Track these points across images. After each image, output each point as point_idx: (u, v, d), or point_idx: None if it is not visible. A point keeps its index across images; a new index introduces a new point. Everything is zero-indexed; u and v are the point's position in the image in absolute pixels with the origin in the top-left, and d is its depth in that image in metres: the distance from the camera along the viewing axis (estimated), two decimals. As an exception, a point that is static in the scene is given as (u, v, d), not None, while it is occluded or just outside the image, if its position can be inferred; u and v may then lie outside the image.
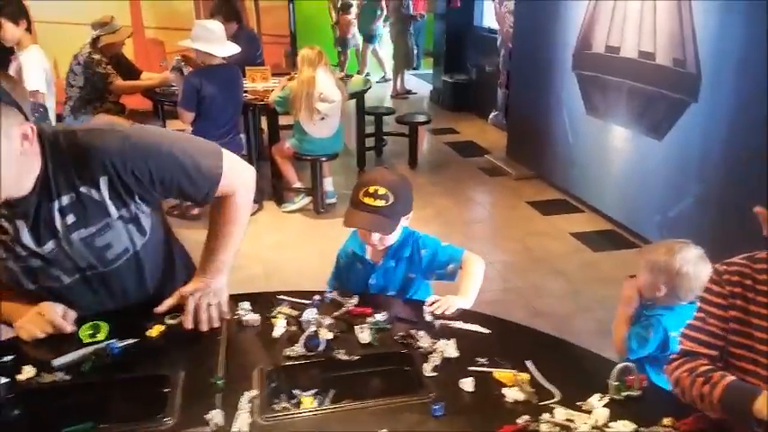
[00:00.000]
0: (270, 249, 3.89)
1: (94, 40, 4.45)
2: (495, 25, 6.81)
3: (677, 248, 1.80)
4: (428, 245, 1.86)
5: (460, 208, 4.76)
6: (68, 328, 1.47)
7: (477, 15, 7.52)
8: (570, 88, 4.60)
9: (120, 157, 1.36)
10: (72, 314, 1.50)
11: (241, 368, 1.37)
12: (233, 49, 4.04)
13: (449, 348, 1.44)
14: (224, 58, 4.02)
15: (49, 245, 1.40)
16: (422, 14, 8.98)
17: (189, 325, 1.50)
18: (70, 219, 1.39)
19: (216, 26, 4.05)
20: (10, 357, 1.38)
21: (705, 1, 3.30)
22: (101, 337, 1.47)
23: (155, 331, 1.51)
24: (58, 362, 1.37)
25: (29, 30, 3.56)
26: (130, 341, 1.47)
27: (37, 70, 3.41)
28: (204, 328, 1.51)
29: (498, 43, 6.60)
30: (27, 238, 1.38)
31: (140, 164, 1.38)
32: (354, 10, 8.93)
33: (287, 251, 3.91)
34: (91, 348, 1.42)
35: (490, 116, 6.99)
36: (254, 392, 1.29)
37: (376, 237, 1.79)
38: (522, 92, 5.48)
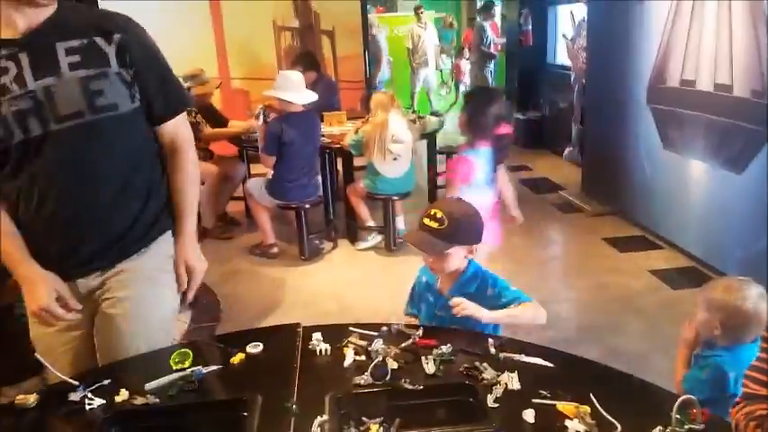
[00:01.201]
0: (343, 286, 4.01)
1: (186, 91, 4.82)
2: (567, 62, 6.81)
3: (736, 286, 1.76)
4: (497, 284, 1.90)
5: (533, 245, 4.72)
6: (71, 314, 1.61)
7: (550, 53, 7.55)
8: (646, 123, 4.53)
9: (136, 31, 1.61)
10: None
11: (313, 395, 1.46)
12: (311, 96, 4.27)
13: (512, 380, 1.47)
14: (303, 105, 4.26)
15: (48, 80, 1.47)
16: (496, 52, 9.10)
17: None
18: (74, 59, 1.49)
19: (296, 76, 4.31)
20: (107, 381, 1.53)
21: (784, 31, 3.22)
22: (187, 364, 1.60)
23: (236, 359, 1.64)
24: (149, 386, 1.51)
25: None
26: (214, 368, 1.59)
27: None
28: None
29: (572, 79, 6.59)
30: (27, 71, 1.46)
31: (144, 46, 1.61)
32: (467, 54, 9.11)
33: (360, 288, 4.02)
34: (178, 374, 1.56)
35: (565, 152, 6.93)
36: (325, 418, 1.37)
37: (430, 258, 1.88)
38: (597, 127, 5.43)
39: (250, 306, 3.77)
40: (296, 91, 4.16)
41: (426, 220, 1.86)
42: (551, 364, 1.56)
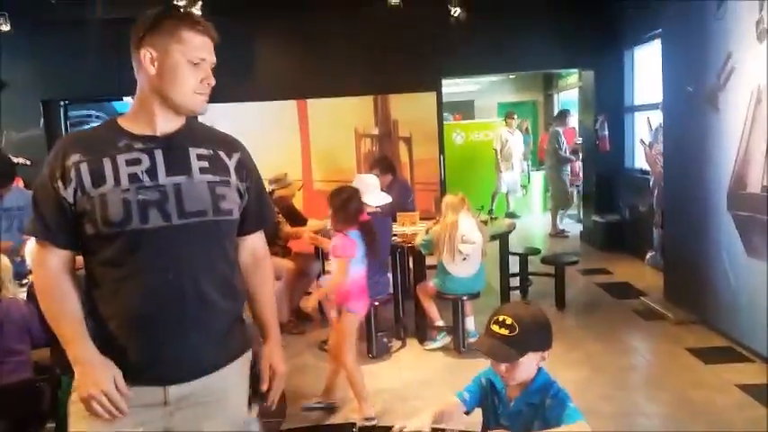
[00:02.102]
0: (411, 386, 3.96)
1: (270, 193, 5.14)
2: (645, 166, 6.76)
3: None
4: (558, 396, 1.81)
5: (612, 353, 4.51)
6: (122, 406, 1.52)
7: (628, 157, 7.53)
8: (727, 229, 4.37)
9: (247, 153, 1.77)
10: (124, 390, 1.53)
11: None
12: (386, 199, 4.43)
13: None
14: (377, 207, 4.43)
15: (179, 178, 1.58)
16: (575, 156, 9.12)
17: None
18: (203, 164, 1.62)
19: (371, 179, 4.51)
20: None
21: None
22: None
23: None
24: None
25: None
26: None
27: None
28: None
29: (651, 184, 6.51)
30: (161, 166, 1.57)
31: (254, 167, 1.77)
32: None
33: (427, 389, 3.95)
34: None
35: (647, 257, 6.72)
36: None
37: (502, 367, 1.82)
38: (678, 233, 5.28)
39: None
40: (371, 193, 4.34)
41: (496, 327, 1.81)
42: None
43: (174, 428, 1.60)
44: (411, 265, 5.31)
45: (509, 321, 1.79)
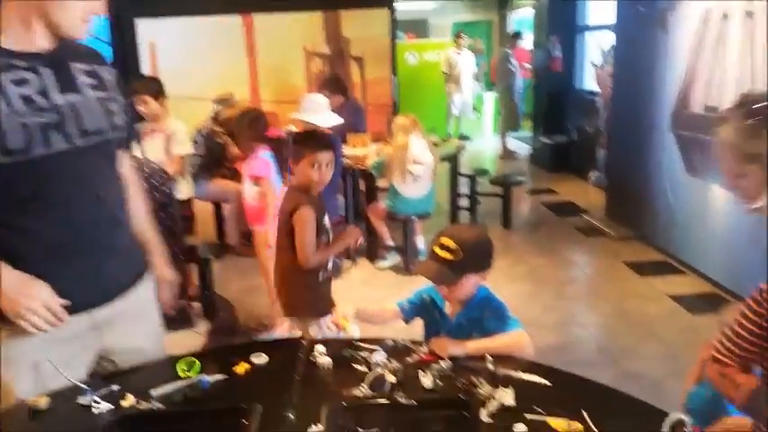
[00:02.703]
0: (362, 304, 4.02)
1: (215, 114, 4.97)
2: (595, 88, 6.82)
3: None
4: (495, 309, 1.88)
5: (554, 267, 4.70)
6: (63, 317, 1.49)
7: (578, 78, 7.56)
8: (669, 148, 4.51)
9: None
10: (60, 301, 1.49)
11: (311, 405, 1.49)
12: (335, 120, 4.35)
13: (507, 396, 1.49)
14: (328, 128, 4.34)
15: (72, 97, 1.50)
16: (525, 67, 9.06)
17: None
18: (89, 80, 1.56)
19: (321, 99, 4.40)
20: (116, 387, 1.59)
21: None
22: (194, 372, 1.66)
23: (240, 368, 1.69)
24: (155, 392, 1.56)
25: (164, 105, 4.09)
26: (219, 376, 1.65)
27: (185, 135, 4.06)
28: None
29: (599, 105, 6.59)
30: (53, 86, 1.47)
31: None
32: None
33: (376, 306, 4.03)
34: (184, 381, 1.61)
35: (591, 176, 6.90)
36: (320, 428, 1.40)
37: (444, 289, 1.88)
38: (621, 152, 5.41)
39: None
40: (320, 114, 4.25)
41: (438, 250, 1.83)
42: (548, 382, 1.57)
43: (106, 349, 1.68)
44: (362, 186, 5.30)
45: (451, 245, 1.81)
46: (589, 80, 7.20)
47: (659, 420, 1.35)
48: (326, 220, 2.70)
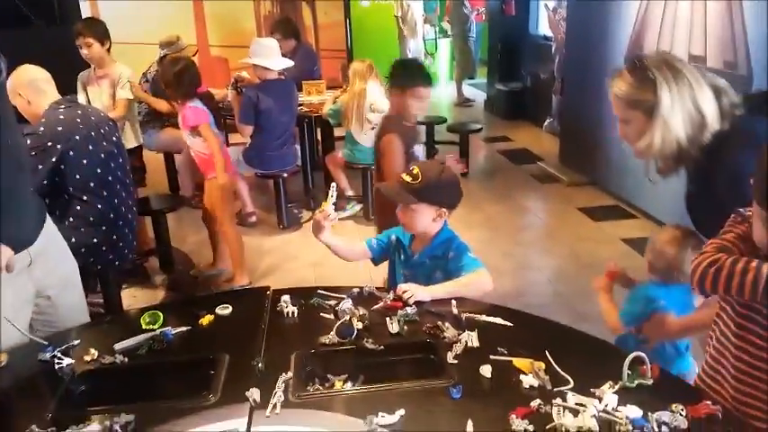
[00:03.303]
0: (321, 254, 4.00)
1: (161, 58, 4.76)
2: (549, 32, 6.81)
3: (670, 232, 1.86)
4: (458, 250, 1.92)
5: (510, 214, 4.78)
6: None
7: (532, 23, 7.53)
8: (622, 93, 4.56)
9: None
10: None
11: (279, 353, 1.50)
12: (286, 62, 4.24)
13: (472, 339, 1.53)
14: (279, 73, 4.23)
15: None
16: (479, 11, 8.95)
17: None
18: None
19: (271, 42, 4.26)
20: (77, 342, 1.56)
21: (756, 1, 3.25)
22: (157, 325, 1.64)
23: (205, 320, 1.67)
24: (118, 346, 1.54)
25: (108, 50, 3.88)
26: (183, 329, 1.63)
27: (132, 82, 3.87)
28: None
29: (553, 50, 6.59)
30: None
31: None
32: None
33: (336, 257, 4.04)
34: (148, 335, 1.59)
35: (545, 123, 6.97)
36: (290, 375, 1.41)
37: (400, 212, 1.92)
38: (575, 98, 5.46)
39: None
40: (271, 58, 4.12)
41: (404, 175, 1.91)
42: (511, 324, 1.61)
43: (39, 283, 1.87)
44: (319, 135, 5.22)
45: (415, 172, 1.89)
46: (543, 25, 7.18)
47: (617, 357, 1.41)
48: (416, 149, 2.95)
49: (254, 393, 1.34)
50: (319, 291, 1.78)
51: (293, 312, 1.69)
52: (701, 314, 1.69)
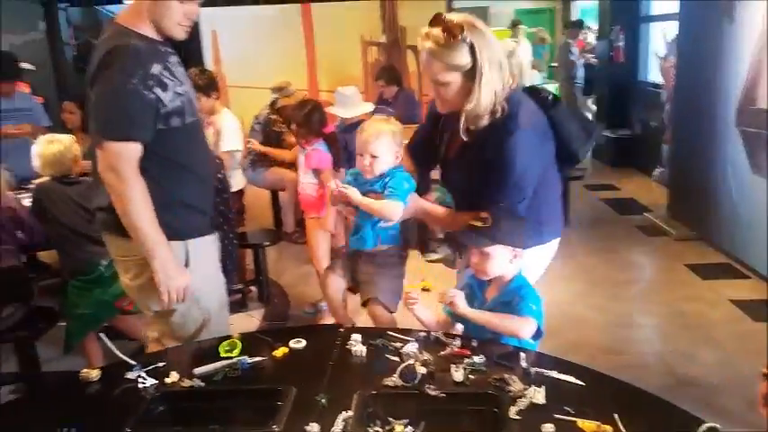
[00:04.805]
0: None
1: (273, 103, 5.07)
2: (659, 80, 6.57)
3: None
4: (524, 295, 1.86)
5: (610, 267, 4.57)
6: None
7: (642, 70, 7.30)
8: (734, 146, 4.30)
9: None
10: None
11: (343, 391, 1.53)
12: (362, 110, 4.34)
13: (538, 394, 1.48)
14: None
15: (187, 83, 2.00)
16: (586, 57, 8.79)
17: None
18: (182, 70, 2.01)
19: (349, 91, 4.40)
20: (161, 364, 1.68)
21: None
22: (235, 353, 1.73)
23: (279, 352, 1.74)
24: (197, 371, 1.64)
25: (218, 98, 4.16)
26: (258, 359, 1.71)
27: (235, 132, 4.04)
28: None
29: (663, 98, 6.35)
30: (182, 74, 1.98)
31: None
32: None
33: (426, 297, 4.04)
34: (225, 362, 1.68)
35: (654, 173, 6.66)
36: (350, 413, 1.44)
37: (474, 258, 1.92)
38: (685, 148, 5.20)
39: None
40: (349, 106, 4.27)
41: (473, 221, 1.91)
42: (582, 383, 1.55)
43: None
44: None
45: (484, 215, 1.88)
46: (653, 72, 6.94)
47: (693, 427, 1.32)
48: None
49: (314, 428, 1.38)
50: (388, 332, 1.81)
51: (361, 351, 1.72)
52: None
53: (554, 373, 1.58)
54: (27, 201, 3.11)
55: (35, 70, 6.38)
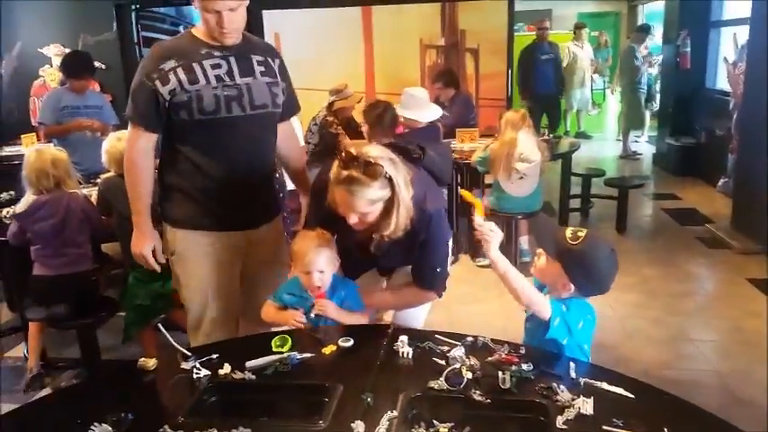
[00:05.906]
0: (458, 300, 4.04)
1: (330, 105, 5.14)
2: (727, 87, 6.32)
3: None
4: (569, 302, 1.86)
5: (669, 279, 4.43)
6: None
7: (709, 76, 7.04)
8: (806, 156, 4.11)
9: (281, 57, 2.32)
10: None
11: (389, 391, 1.55)
12: (435, 113, 4.35)
13: (586, 405, 1.46)
14: (433, 121, 4.36)
15: (248, 79, 2.14)
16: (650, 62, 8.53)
17: None
18: (261, 68, 2.18)
19: (420, 93, 4.42)
20: (215, 356, 1.74)
21: None
22: (286, 348, 1.77)
23: (328, 350, 1.78)
24: (249, 364, 1.69)
25: None
26: (308, 355, 1.75)
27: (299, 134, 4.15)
28: None
29: (731, 106, 6.11)
30: (236, 70, 2.12)
31: (287, 69, 2.34)
32: None
33: (474, 303, 4.03)
34: (276, 357, 1.72)
35: (719, 183, 6.42)
36: (395, 414, 1.45)
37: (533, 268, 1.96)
38: (750, 158, 4.99)
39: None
40: (419, 108, 4.27)
41: (567, 230, 1.89)
42: (632, 395, 1.52)
43: (247, 262, 2.34)
44: (468, 182, 5.27)
45: (580, 234, 1.84)
46: (721, 79, 6.68)
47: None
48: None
49: (359, 426, 1.40)
50: (436, 335, 1.82)
51: (408, 353, 1.73)
52: None
53: (604, 385, 1.56)
54: (93, 194, 3.27)
55: (105, 69, 6.69)
